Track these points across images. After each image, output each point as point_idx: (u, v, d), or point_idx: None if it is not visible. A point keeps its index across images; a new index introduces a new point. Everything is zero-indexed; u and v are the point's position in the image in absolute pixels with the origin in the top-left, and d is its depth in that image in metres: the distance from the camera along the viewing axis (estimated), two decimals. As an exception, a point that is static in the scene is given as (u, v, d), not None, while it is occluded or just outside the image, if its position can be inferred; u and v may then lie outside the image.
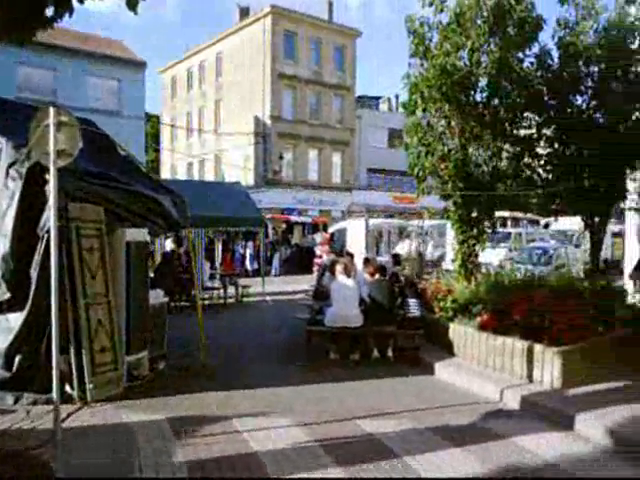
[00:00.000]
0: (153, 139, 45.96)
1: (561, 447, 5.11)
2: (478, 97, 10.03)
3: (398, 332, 8.29)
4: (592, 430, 5.36)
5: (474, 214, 10.03)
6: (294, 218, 29.71)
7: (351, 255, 11.93)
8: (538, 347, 6.74)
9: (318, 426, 5.56)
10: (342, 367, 7.96)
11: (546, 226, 25.82)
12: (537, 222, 26.66)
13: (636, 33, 9.65)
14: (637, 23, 9.79)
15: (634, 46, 9.42)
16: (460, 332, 8.10)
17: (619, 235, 27.57)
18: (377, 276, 8.86)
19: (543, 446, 5.12)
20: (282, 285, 18.53)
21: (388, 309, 8.39)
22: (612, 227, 27.89)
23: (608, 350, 7.17)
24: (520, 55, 9.98)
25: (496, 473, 4.54)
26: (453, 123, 10.00)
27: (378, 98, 42.90)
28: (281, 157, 32.00)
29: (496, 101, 9.95)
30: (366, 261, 10.19)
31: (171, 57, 55.70)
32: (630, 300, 8.62)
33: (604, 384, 6.58)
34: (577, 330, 6.82)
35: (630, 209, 9.52)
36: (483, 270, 12.18)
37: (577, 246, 20.17)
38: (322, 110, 34.80)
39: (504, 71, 9.58)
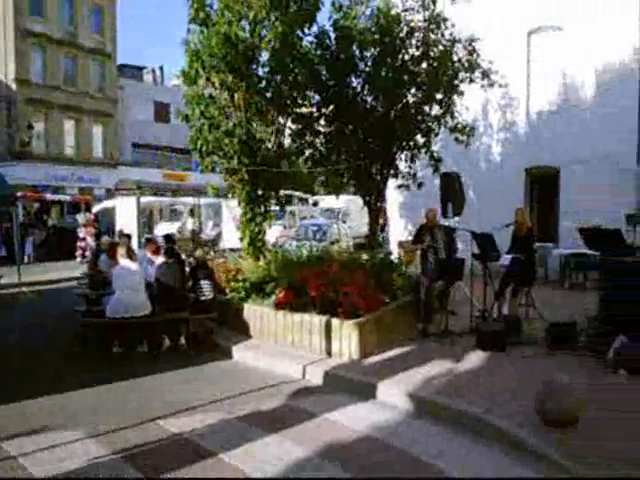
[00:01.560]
0: None
1: (370, 417, 5.22)
2: (262, 71, 9.86)
3: (191, 317, 7.73)
4: (394, 397, 5.60)
5: (260, 191, 9.89)
6: (50, 196, 26.26)
7: (128, 236, 10.85)
8: (335, 321, 6.87)
9: (114, 434, 4.80)
10: (129, 362, 7.13)
11: (315, 204, 27.29)
12: (306, 200, 28.02)
13: (402, 23, 10.39)
14: (402, 13, 10.55)
15: (402, 34, 10.15)
16: (256, 312, 7.89)
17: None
18: (162, 258, 8.15)
19: (354, 419, 5.17)
20: (41, 273, 16.21)
21: (179, 294, 7.76)
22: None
23: (395, 318, 7.66)
24: (301, 33, 10.04)
25: (318, 454, 4.40)
26: (237, 96, 9.65)
27: (142, 68, 40.30)
28: (30, 126, 27.87)
29: (279, 77, 9.88)
30: (148, 241, 9.34)
31: None
32: (403, 270, 9.38)
33: (397, 350, 7.01)
34: (369, 302, 7.11)
35: (400, 186, 10.38)
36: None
37: (344, 222, 21.66)
38: (79, 77, 31.27)
39: (286, 47, 9.52)
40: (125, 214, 19.03)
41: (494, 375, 6.01)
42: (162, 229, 21.33)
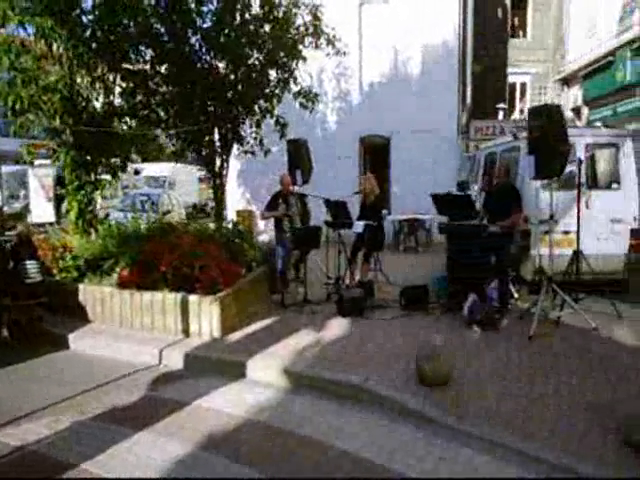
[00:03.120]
0: None
1: (247, 399, 4.82)
2: (87, 19, 8.56)
3: (14, 304, 6.52)
4: (267, 374, 5.27)
5: (89, 157, 8.70)
6: None
7: None
8: (193, 298, 6.28)
9: None
10: None
11: (136, 172, 25.42)
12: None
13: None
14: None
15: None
16: (94, 293, 6.94)
17: (203, 180, 29.63)
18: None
19: (229, 402, 4.74)
20: None
21: (-2, 277, 6.50)
22: (198, 173, 29.71)
23: (251, 291, 7.28)
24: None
25: (200, 447, 3.92)
26: (56, 46, 8.28)
27: None
28: None
29: (106, 27, 8.67)
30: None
31: None
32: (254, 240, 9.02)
33: (259, 324, 6.68)
34: (227, 275, 6.64)
35: (246, 152, 9.89)
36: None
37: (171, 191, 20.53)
38: None
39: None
40: None
41: (363, 341, 5.98)
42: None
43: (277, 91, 10.01)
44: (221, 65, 9.61)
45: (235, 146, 10.07)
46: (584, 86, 13.95)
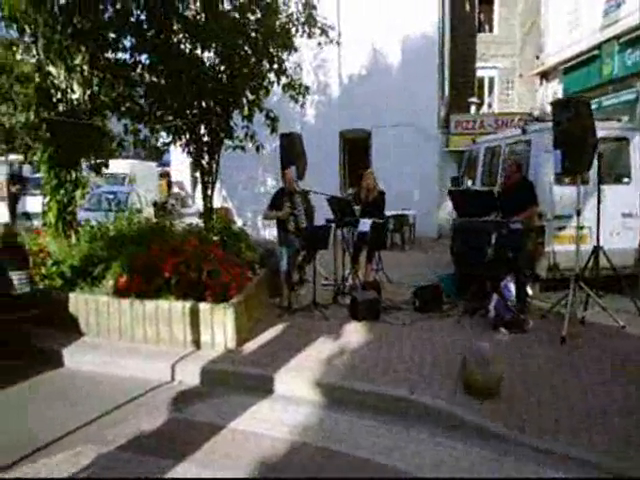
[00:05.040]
0: None
1: (284, 418, 4.40)
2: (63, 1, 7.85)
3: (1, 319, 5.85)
4: (297, 388, 4.85)
5: (68, 153, 7.99)
6: None
7: None
8: (204, 306, 5.77)
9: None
10: None
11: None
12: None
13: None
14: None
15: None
16: (88, 303, 6.31)
17: (163, 176, 28.72)
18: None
19: (266, 423, 4.30)
20: None
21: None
22: (158, 168, 28.75)
23: (255, 295, 6.82)
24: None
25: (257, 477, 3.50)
26: (31, 32, 7.57)
27: None
28: None
29: (84, 12, 7.99)
30: None
31: None
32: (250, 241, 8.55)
33: (271, 332, 6.24)
34: (237, 279, 6.16)
35: (235, 148, 9.33)
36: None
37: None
38: None
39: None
40: None
41: (390, 349, 5.63)
42: None
43: (265, 83, 9.52)
44: (207, 55, 9.04)
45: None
46: (565, 80, 14.02)
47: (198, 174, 9.59)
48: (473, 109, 18.58)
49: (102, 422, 4.36)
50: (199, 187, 17.19)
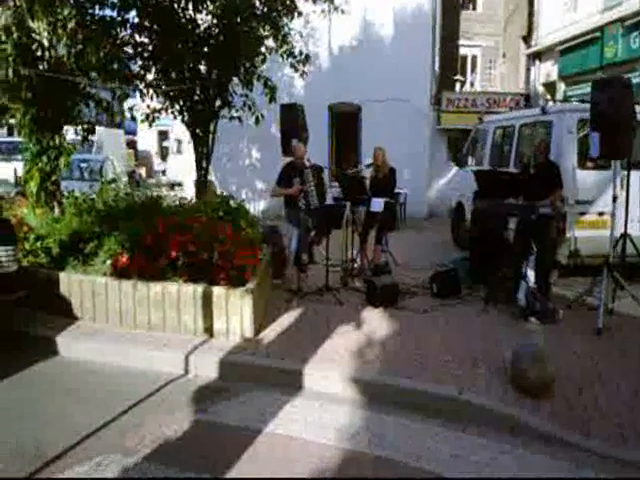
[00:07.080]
0: None
1: (324, 420, 3.96)
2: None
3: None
4: (331, 384, 4.42)
5: (52, 116, 7.22)
6: None
7: None
8: (218, 290, 5.24)
9: None
10: None
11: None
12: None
13: None
14: None
15: None
16: (83, 284, 5.68)
17: (129, 145, 27.52)
18: None
19: (307, 426, 3.86)
20: None
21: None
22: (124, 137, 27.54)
23: (265, 276, 6.33)
24: None
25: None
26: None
27: None
28: None
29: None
30: None
31: None
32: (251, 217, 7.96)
33: (286, 318, 5.79)
34: (249, 258, 5.62)
35: (231, 118, 8.68)
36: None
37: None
38: None
39: None
40: None
41: (419, 340, 5.24)
42: None
43: (262, 49, 8.85)
44: (200, 17, 8.29)
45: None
46: (561, 61, 13.76)
47: (171, 143, 8.90)
48: (458, 87, 18.25)
49: (117, 425, 3.83)
50: (169, 158, 16.26)
